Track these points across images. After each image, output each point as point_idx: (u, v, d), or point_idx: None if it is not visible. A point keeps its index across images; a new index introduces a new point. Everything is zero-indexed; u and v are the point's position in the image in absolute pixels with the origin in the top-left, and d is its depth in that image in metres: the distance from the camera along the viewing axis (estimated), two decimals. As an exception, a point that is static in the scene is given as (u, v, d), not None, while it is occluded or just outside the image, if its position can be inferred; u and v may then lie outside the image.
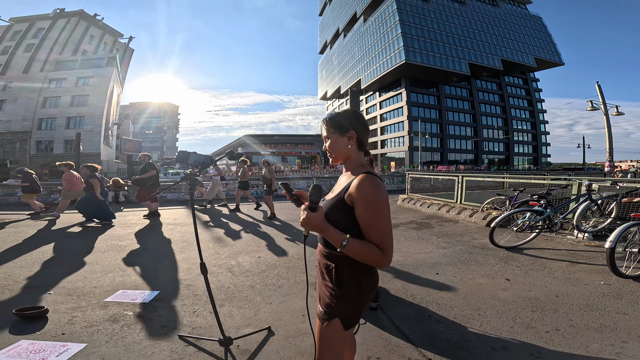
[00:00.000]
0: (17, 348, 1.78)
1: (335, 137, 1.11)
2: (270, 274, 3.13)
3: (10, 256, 3.67)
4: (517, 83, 61.51)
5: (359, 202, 0.97)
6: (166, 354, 1.76)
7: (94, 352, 1.75)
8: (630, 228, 2.81)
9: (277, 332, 2.02)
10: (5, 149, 32.46)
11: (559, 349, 1.74)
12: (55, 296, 2.54)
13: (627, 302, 2.34)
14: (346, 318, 1.05)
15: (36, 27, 38.04)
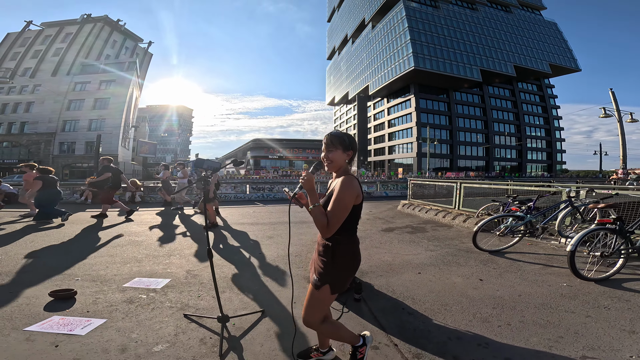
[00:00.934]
0: (49, 322, 2.17)
1: (339, 152, 1.54)
2: (269, 268, 3.50)
3: (45, 249, 4.19)
4: (531, 89, 60.51)
5: (335, 189, 1.45)
6: (172, 328, 2.13)
7: (112, 325, 2.14)
8: (592, 233, 3.02)
9: (270, 315, 2.36)
10: (30, 149, 34.27)
11: (503, 341, 1.99)
12: (82, 282, 2.96)
13: (579, 302, 2.56)
14: (334, 285, 1.50)
15: (65, 31, 40.22)
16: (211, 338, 2.02)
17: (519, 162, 57.26)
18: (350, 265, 1.52)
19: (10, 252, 3.93)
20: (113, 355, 1.79)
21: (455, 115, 52.82)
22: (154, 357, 1.79)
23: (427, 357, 1.84)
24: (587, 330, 2.11)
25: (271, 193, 12.98)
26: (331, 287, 1.49)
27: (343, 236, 1.49)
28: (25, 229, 5.48)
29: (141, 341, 1.95)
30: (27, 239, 4.67)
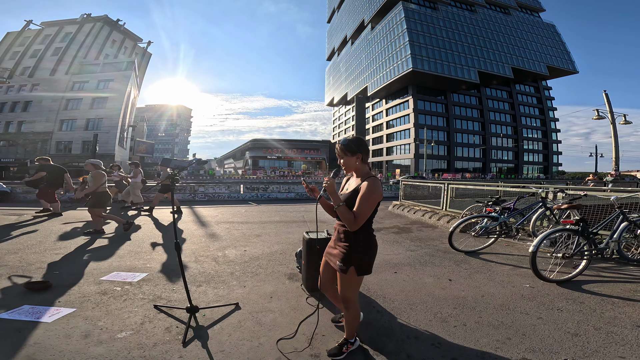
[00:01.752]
0: (18, 310, 2.28)
1: (348, 157, 1.79)
2: (252, 265, 3.60)
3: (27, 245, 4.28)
4: (528, 91, 60.80)
5: (361, 190, 1.68)
6: (139, 317, 2.24)
7: (80, 314, 2.25)
8: (555, 233, 3.12)
9: (244, 308, 2.46)
10: (27, 148, 34.21)
11: (455, 342, 2.07)
12: (60, 275, 3.06)
13: (536, 304, 2.65)
14: (359, 267, 1.75)
15: (64, 31, 40.08)
16: (177, 327, 2.11)
17: (516, 164, 57.52)
18: (369, 250, 1.78)
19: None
20: (74, 340, 1.88)
21: (452, 116, 53.02)
22: (116, 342, 1.89)
23: (386, 352, 1.94)
24: (534, 332, 2.19)
25: (265, 193, 13.06)
26: (356, 269, 1.75)
27: (367, 228, 1.78)
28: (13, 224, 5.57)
29: (106, 328, 2.05)
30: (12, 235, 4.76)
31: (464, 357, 1.90)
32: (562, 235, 3.20)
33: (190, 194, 11.84)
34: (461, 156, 53.69)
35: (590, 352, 1.93)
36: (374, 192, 1.65)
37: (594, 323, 2.32)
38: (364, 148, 1.78)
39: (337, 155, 1.85)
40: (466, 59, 51.21)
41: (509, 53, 55.06)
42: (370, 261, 1.79)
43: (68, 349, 1.79)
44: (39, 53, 38.15)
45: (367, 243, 1.77)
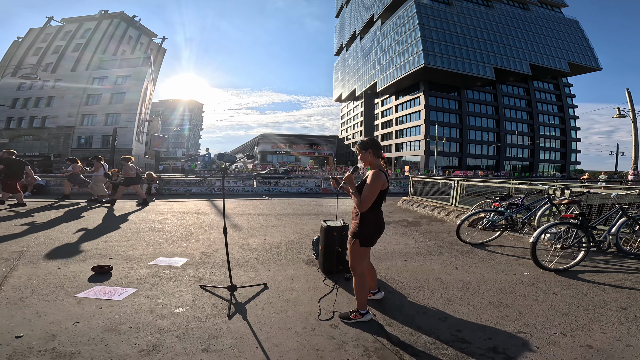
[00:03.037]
0: (94, 290, 2.70)
1: (363, 153, 2.27)
2: (273, 252, 4.00)
3: (77, 233, 4.80)
4: (547, 88, 59.08)
5: (367, 179, 2.15)
6: (190, 295, 2.63)
7: (142, 293, 2.65)
8: (555, 226, 3.38)
9: (271, 288, 2.84)
10: (50, 143, 35.70)
11: (460, 317, 2.38)
12: (115, 260, 3.49)
13: (534, 289, 2.93)
14: (362, 240, 2.19)
15: (84, 27, 41.19)
16: (221, 303, 2.49)
17: (531, 162, 56.27)
18: (372, 228, 2.20)
19: (51, 235, 4.53)
20: (143, 315, 2.26)
21: (466, 113, 52.15)
22: (176, 316, 2.26)
23: (397, 325, 2.26)
24: (530, 311, 2.48)
25: (277, 187, 13.51)
26: (360, 242, 2.19)
27: (371, 210, 2.19)
28: (58, 214, 6.16)
29: (166, 305, 2.43)
30: (59, 224, 5.31)
31: (467, 329, 2.20)
32: (562, 228, 3.44)
33: (208, 187, 12.40)
34: (474, 153, 52.90)
35: (577, 328, 2.21)
36: (375, 180, 2.10)
37: (583, 305, 2.59)
38: (374, 145, 2.25)
39: (356, 154, 2.32)
40: (481, 55, 50.11)
41: (527, 49, 53.51)
42: (372, 236, 2.21)
43: (140, 322, 2.15)
44: (61, 49, 39.39)
45: (372, 222, 2.20)
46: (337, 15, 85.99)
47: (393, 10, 55.51)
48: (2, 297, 2.40)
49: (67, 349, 1.75)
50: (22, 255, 3.48)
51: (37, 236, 4.40)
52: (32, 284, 2.69)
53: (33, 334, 1.89)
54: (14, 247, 3.77)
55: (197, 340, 1.93)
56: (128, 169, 8.20)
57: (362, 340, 2.02)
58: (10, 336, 1.85)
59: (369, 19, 63.26)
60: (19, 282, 2.72)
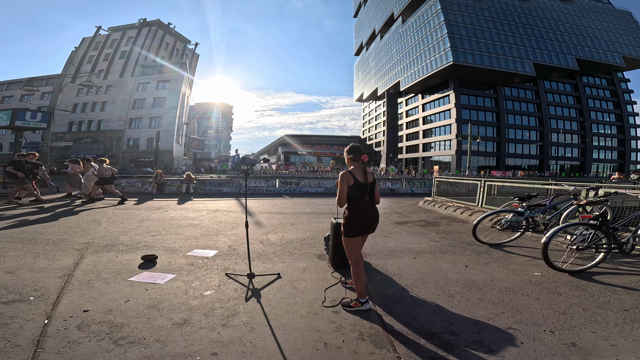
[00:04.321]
0: (142, 275, 3.23)
1: (346, 157, 2.66)
2: (289, 247, 4.37)
3: (130, 228, 5.55)
4: (599, 84, 53.71)
5: None
6: (216, 281, 3.06)
7: (179, 279, 3.12)
8: (569, 227, 3.29)
9: (284, 277, 3.19)
10: (105, 145, 39.71)
11: (455, 311, 2.49)
12: (159, 251, 4.04)
13: (540, 288, 2.92)
14: (345, 231, 2.52)
15: (127, 35, 44.80)
16: (241, 288, 2.88)
17: (582, 162, 51.37)
18: (350, 220, 2.49)
19: (109, 230, 5.30)
20: (179, 296, 2.70)
21: (503, 111, 49.04)
22: (205, 298, 2.68)
23: (394, 315, 2.45)
24: (527, 309, 2.53)
25: (297, 187, 14.03)
26: (343, 232, 2.53)
27: (350, 203, 2.51)
28: (114, 211, 7.10)
29: (197, 288, 2.87)
30: (115, 220, 6.17)
31: (459, 323, 2.32)
32: (579, 229, 3.36)
33: (236, 187, 13.22)
34: (513, 153, 49.57)
35: (569, 327, 2.24)
36: (340, 180, 2.47)
37: (584, 305, 2.59)
38: (351, 149, 2.61)
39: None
40: (518, 50, 46.93)
41: (572, 43, 49.27)
42: (351, 226, 2.49)
43: (177, 301, 2.60)
44: (110, 57, 43.26)
45: (350, 214, 2.51)
46: (355, 14, 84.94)
47: (415, 8, 53.75)
48: (75, 280, 2.98)
49: (119, 321, 2.20)
50: (89, 246, 4.17)
51: (99, 230, 5.17)
52: (97, 270, 3.28)
53: (96, 309, 2.38)
54: (82, 240, 4.50)
55: (218, 317, 2.31)
56: (102, 169, 8.80)
57: (358, 326, 2.25)
58: (80, 310, 2.35)
59: (388, 17, 61.83)
60: (87, 268, 3.32)
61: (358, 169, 2.53)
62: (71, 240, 4.43)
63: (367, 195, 2.52)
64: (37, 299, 2.50)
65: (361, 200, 2.51)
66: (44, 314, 2.25)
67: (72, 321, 2.17)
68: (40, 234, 4.69)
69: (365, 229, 2.55)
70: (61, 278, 2.98)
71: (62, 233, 4.85)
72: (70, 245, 4.17)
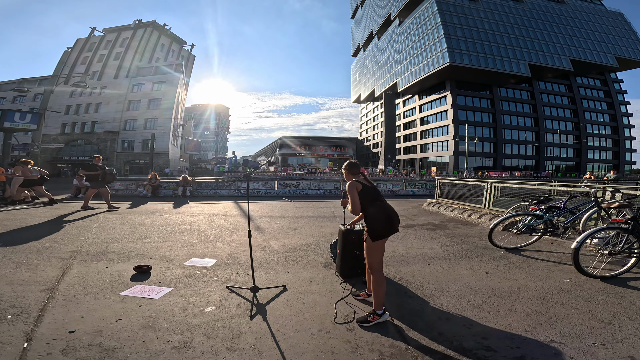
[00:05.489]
0: (135, 289, 2.92)
1: (344, 171, 2.67)
2: (292, 254, 4.07)
3: (122, 234, 5.22)
4: (593, 84, 54.44)
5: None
6: (217, 295, 2.77)
7: (176, 293, 2.82)
8: (602, 231, 3.07)
9: (290, 290, 2.91)
10: (99, 147, 38.95)
11: (487, 324, 2.26)
12: (153, 260, 3.74)
13: (574, 296, 2.70)
14: (372, 235, 2.37)
15: (122, 36, 44.01)
16: (245, 304, 2.59)
17: (577, 162, 51.83)
18: (377, 220, 2.37)
19: (100, 236, 4.96)
20: (177, 313, 2.41)
21: (499, 112, 49.33)
22: (205, 315, 2.39)
23: (416, 330, 2.20)
24: (567, 320, 2.30)
25: (297, 189, 13.71)
26: (370, 236, 2.38)
27: (369, 207, 2.43)
28: (106, 216, 6.75)
29: (196, 304, 2.58)
30: (107, 225, 5.82)
31: (494, 337, 2.09)
32: (610, 233, 3.15)
33: (234, 190, 12.89)
34: (510, 153, 49.82)
35: (620, 339, 2.01)
36: (349, 188, 2.45)
37: (630, 314, 2.36)
38: (348, 166, 2.65)
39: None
40: (514, 51, 47.23)
41: (566, 44, 49.79)
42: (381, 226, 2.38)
43: (174, 320, 2.30)
44: (104, 58, 42.43)
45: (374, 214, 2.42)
46: (352, 16, 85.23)
47: (411, 9, 53.92)
48: (60, 295, 2.67)
49: (110, 344, 1.92)
50: (77, 255, 3.84)
51: (89, 237, 4.83)
52: (84, 282, 2.97)
53: (83, 329, 2.09)
54: (70, 247, 4.17)
55: (222, 339, 2.03)
56: (27, 171, 8.50)
57: (377, 345, 2.00)
58: (64, 331, 2.06)
59: (385, 19, 61.95)
60: (74, 280, 3.00)
61: (360, 178, 2.58)
62: (57, 248, 4.11)
63: (381, 195, 2.52)
64: (15, 317, 2.21)
65: (380, 200, 2.49)
66: (24, 336, 1.97)
67: (56, 344, 1.89)
68: (24, 241, 4.36)
69: (393, 228, 2.44)
70: (44, 292, 2.67)
71: (48, 240, 4.53)
72: (56, 254, 3.84)
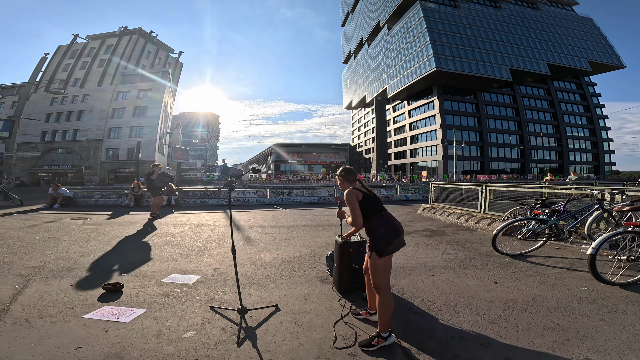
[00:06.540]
0: (102, 311, 2.54)
1: (339, 179, 2.42)
2: (285, 268, 3.73)
3: (95, 248, 4.76)
4: (569, 88, 56.75)
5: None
6: (199, 318, 2.42)
7: (150, 315, 2.46)
8: (617, 236, 2.90)
9: (283, 310, 2.58)
10: (82, 155, 37.73)
11: (507, 342, 2.02)
12: (127, 277, 3.36)
13: (597, 306, 2.49)
14: (378, 250, 2.08)
15: (106, 44, 43.23)
16: (231, 327, 2.26)
17: (560, 164, 53.40)
18: (382, 235, 2.10)
19: (70, 250, 4.51)
20: (149, 340, 2.07)
21: (484, 116, 50.54)
22: (184, 342, 2.05)
23: (428, 351, 1.94)
24: (597, 333, 2.08)
25: (290, 197, 13.34)
26: (376, 252, 2.08)
27: (372, 217, 2.16)
28: (81, 227, 6.23)
29: (174, 329, 2.23)
30: (79, 237, 5.33)
31: (519, 357, 1.85)
32: (626, 238, 2.97)
33: (224, 198, 12.41)
34: (496, 157, 50.93)
35: None
36: (348, 198, 2.17)
37: None
38: (343, 173, 2.40)
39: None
40: (495, 56, 48.74)
41: (543, 49, 51.76)
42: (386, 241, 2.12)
43: (146, 348, 1.97)
44: (87, 65, 41.44)
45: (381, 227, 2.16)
46: (343, 23, 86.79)
47: (399, 16, 55.21)
48: (9, 318, 2.29)
49: None
50: (39, 271, 3.43)
51: (56, 250, 4.39)
52: (41, 303, 2.59)
53: None
54: (32, 262, 3.74)
55: (202, 373, 1.68)
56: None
57: (385, 374, 1.69)
58: None
59: (375, 26, 63.20)
60: (29, 301, 2.63)
61: (358, 186, 2.35)
62: (17, 263, 3.67)
63: (382, 204, 2.27)
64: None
65: (384, 210, 2.23)
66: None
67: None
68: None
69: (401, 241, 2.18)
70: (-10, 316, 2.27)
71: (9, 254, 4.07)
72: (14, 270, 3.41)
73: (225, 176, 6.95)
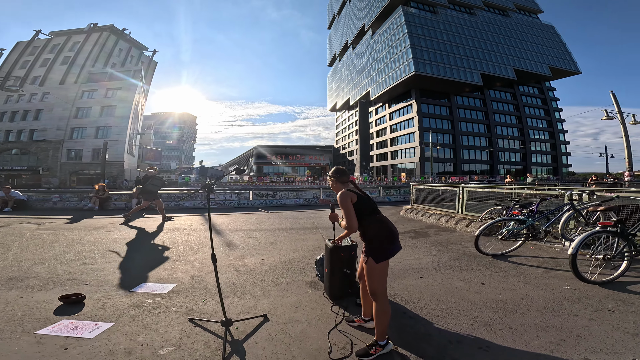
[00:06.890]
0: (59, 325, 2.23)
1: (331, 180, 2.30)
2: (272, 274, 3.53)
3: (52, 255, 4.28)
4: (532, 92, 60.88)
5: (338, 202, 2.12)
6: (177, 332, 2.18)
7: (119, 329, 2.19)
8: (593, 235, 3.03)
9: (272, 319, 2.40)
10: (39, 156, 34.81)
11: (505, 344, 2.01)
12: (90, 287, 3.02)
13: (583, 305, 2.56)
14: (375, 256, 1.99)
15: (72, 40, 40.72)
16: (215, 341, 2.05)
17: (524, 166, 57.02)
18: (380, 241, 2.01)
19: (21, 257, 4.02)
20: (119, 358, 1.83)
21: (457, 119, 52.91)
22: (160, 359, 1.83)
23: (427, 357, 1.88)
24: (590, 333, 2.11)
25: (274, 199, 13.03)
26: (373, 258, 2.00)
27: (367, 221, 2.07)
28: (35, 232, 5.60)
29: (147, 344, 1.99)
30: (33, 243, 4.78)
31: (518, 359, 1.84)
32: (601, 237, 3.10)
33: (200, 201, 11.86)
34: (467, 159, 53.43)
35: None
36: (342, 200, 2.07)
37: None
38: (336, 173, 2.28)
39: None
40: (468, 61, 51.18)
41: (511, 55, 55.06)
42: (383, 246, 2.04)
43: None
44: (49, 62, 38.75)
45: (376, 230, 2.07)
46: (329, 26, 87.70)
47: (383, 20, 56.65)
48: None
49: None
50: None
51: (4, 258, 3.89)
52: None
53: None
54: None
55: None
56: None
57: (386, 386, 1.59)
58: None
59: (360, 29, 64.51)
60: None
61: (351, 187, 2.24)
62: None
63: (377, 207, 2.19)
64: None
65: (379, 212, 2.15)
66: None
67: None
68: None
69: (397, 245, 2.11)
70: None
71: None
72: None
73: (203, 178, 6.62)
